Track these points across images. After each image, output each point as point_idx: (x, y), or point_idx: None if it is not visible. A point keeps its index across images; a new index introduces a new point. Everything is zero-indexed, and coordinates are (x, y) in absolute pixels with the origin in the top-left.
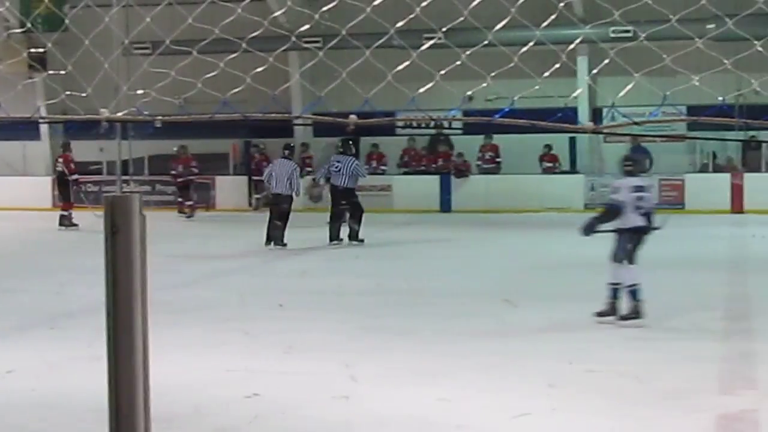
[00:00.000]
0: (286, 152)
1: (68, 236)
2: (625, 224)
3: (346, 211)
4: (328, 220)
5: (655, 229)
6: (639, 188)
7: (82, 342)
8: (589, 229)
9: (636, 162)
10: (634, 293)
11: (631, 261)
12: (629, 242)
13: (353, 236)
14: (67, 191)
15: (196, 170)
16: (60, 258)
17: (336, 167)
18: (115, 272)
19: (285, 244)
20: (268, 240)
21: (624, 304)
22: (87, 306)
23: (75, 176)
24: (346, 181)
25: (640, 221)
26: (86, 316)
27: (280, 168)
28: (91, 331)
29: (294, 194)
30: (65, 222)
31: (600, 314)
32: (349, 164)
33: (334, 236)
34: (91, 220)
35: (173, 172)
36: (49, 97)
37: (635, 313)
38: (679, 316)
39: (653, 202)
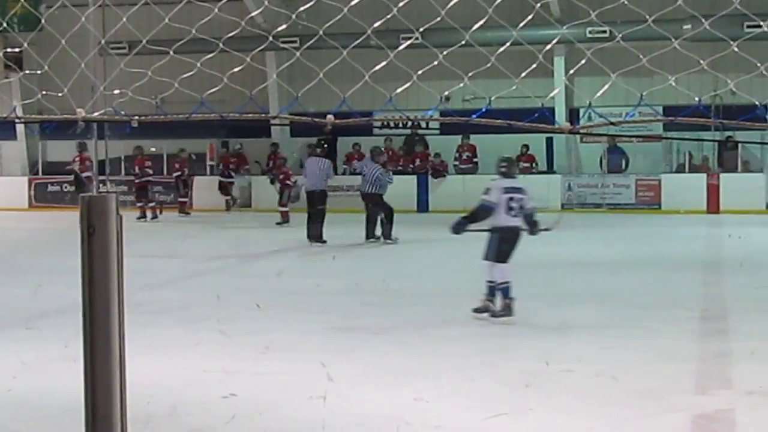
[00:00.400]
0: (318, 150)
1: (45, 236)
2: (497, 224)
3: (377, 214)
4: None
5: (545, 230)
6: (511, 189)
7: (58, 342)
8: (459, 227)
9: (511, 163)
10: (505, 291)
11: (501, 260)
12: (502, 242)
13: (387, 235)
14: (83, 189)
15: (150, 171)
16: (36, 258)
17: (362, 174)
18: (91, 272)
19: (324, 241)
20: (309, 237)
21: (497, 302)
22: (63, 306)
23: (87, 174)
24: (369, 188)
25: (512, 222)
26: (63, 316)
27: (312, 165)
28: (67, 332)
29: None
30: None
31: (476, 310)
32: (373, 171)
33: (370, 234)
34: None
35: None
36: (26, 96)
37: (506, 310)
38: (656, 315)
39: (530, 204)
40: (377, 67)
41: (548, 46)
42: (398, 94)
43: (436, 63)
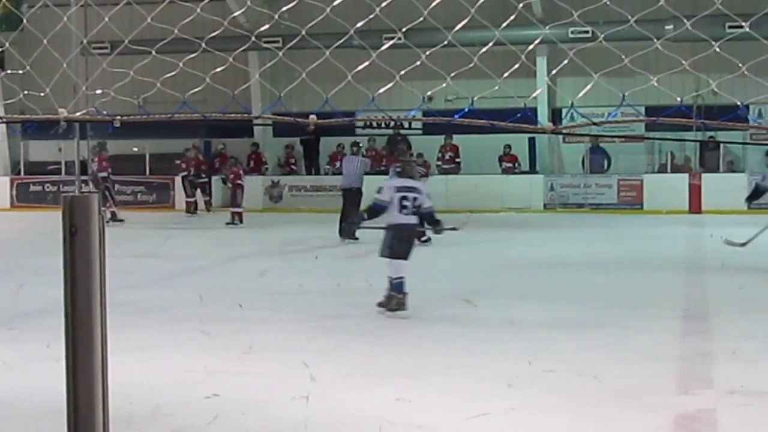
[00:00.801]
0: (354, 148)
1: (27, 236)
2: (390, 222)
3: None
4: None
5: (452, 229)
6: (404, 189)
7: (40, 342)
8: (353, 224)
9: (406, 164)
10: (398, 287)
11: (395, 256)
12: (394, 239)
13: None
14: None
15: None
16: (18, 258)
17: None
18: (73, 272)
19: (356, 239)
20: (341, 234)
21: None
22: (46, 306)
23: (104, 174)
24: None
25: (404, 220)
26: (45, 316)
27: (348, 164)
28: (49, 332)
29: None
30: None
31: (379, 305)
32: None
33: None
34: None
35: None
36: (7, 96)
37: (399, 306)
38: (638, 315)
39: (427, 203)
40: (360, 67)
41: (530, 47)
42: (381, 94)
43: (418, 63)
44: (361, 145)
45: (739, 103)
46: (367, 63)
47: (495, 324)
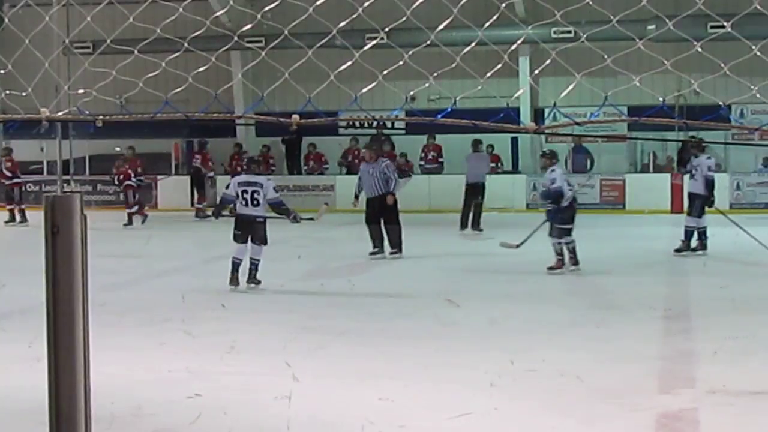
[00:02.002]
0: (479, 146)
1: (8, 236)
2: (237, 212)
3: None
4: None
5: (309, 219)
6: (245, 183)
7: (22, 342)
8: (215, 212)
9: (251, 162)
10: (235, 267)
11: (236, 240)
12: (236, 227)
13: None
14: (202, 188)
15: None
16: None
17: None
18: (55, 272)
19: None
20: (471, 226)
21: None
22: (27, 306)
23: (211, 174)
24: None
25: (247, 210)
26: (26, 316)
27: (475, 161)
28: (31, 332)
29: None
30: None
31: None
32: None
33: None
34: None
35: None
36: None
37: (234, 282)
38: (619, 315)
39: (271, 195)
40: (342, 67)
41: (513, 47)
42: (363, 93)
43: (401, 63)
44: (481, 143)
45: (721, 103)
46: (349, 63)
47: (477, 324)
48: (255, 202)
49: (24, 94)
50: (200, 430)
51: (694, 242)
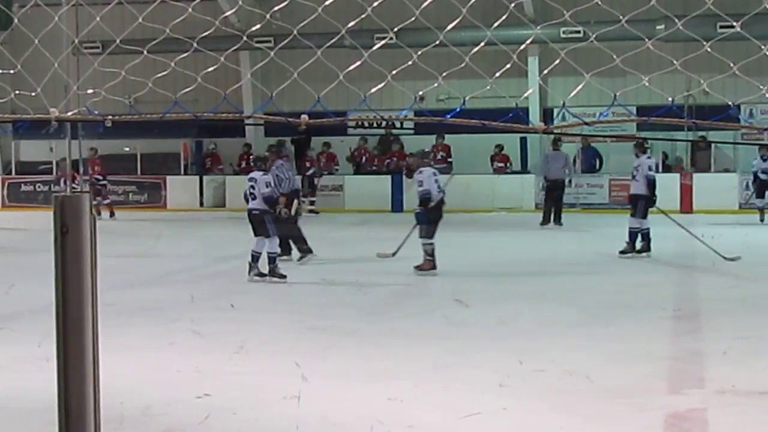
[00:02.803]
0: (558, 144)
1: (18, 236)
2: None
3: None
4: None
5: (295, 216)
6: (248, 179)
7: (31, 342)
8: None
9: (258, 160)
10: (255, 258)
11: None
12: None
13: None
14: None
15: None
16: (9, 258)
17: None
18: (64, 272)
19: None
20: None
21: None
22: (37, 306)
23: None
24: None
25: (249, 205)
26: (36, 316)
27: (555, 159)
28: (40, 331)
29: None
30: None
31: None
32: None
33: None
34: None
35: None
36: None
37: (253, 270)
38: (628, 315)
39: (262, 190)
40: (351, 67)
41: (522, 47)
42: (372, 93)
43: (410, 63)
44: (560, 142)
45: (730, 103)
46: (358, 63)
47: (486, 324)
48: (252, 197)
49: (33, 94)
50: (209, 430)
51: (638, 244)
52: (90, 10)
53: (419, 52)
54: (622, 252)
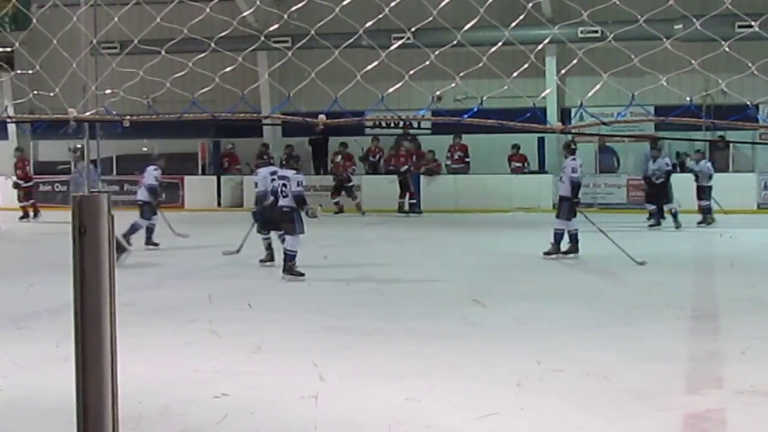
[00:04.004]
0: (658, 143)
1: (36, 236)
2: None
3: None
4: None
5: (314, 217)
6: (279, 177)
7: (50, 342)
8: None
9: (290, 158)
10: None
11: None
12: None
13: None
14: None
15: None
16: (28, 257)
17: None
18: (83, 272)
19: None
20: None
21: None
22: (55, 305)
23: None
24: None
25: (279, 202)
26: (54, 316)
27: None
28: (59, 331)
29: None
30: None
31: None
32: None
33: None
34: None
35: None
36: (17, 96)
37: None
38: (646, 315)
39: (293, 189)
40: (369, 67)
41: (540, 46)
42: (390, 93)
43: (427, 63)
44: (660, 140)
45: (748, 103)
46: (376, 63)
47: (504, 324)
48: (284, 195)
49: (52, 94)
50: (227, 429)
51: (565, 245)
52: (108, 10)
53: (437, 52)
54: (546, 253)
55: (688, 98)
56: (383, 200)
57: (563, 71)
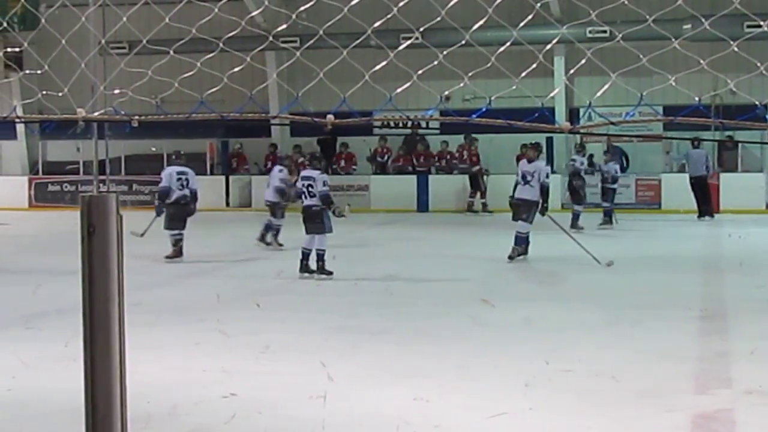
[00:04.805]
0: (696, 143)
1: (45, 236)
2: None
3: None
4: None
5: (342, 216)
6: (304, 177)
7: (58, 342)
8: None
9: (313, 160)
10: (321, 255)
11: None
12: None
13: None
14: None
15: None
16: (36, 257)
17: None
18: (91, 272)
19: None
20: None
21: None
22: (63, 306)
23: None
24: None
25: (305, 202)
26: (63, 315)
27: (697, 157)
28: (67, 331)
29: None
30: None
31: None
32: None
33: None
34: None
35: None
36: (26, 96)
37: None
38: (655, 315)
39: (319, 189)
40: (377, 67)
41: (548, 46)
42: (398, 93)
43: (436, 63)
44: (697, 144)
45: (757, 103)
46: (384, 63)
47: (512, 324)
48: (311, 195)
49: (60, 94)
50: (235, 429)
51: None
52: (116, 10)
53: (445, 52)
54: (510, 257)
55: (696, 98)
56: (393, 201)
57: (572, 71)
